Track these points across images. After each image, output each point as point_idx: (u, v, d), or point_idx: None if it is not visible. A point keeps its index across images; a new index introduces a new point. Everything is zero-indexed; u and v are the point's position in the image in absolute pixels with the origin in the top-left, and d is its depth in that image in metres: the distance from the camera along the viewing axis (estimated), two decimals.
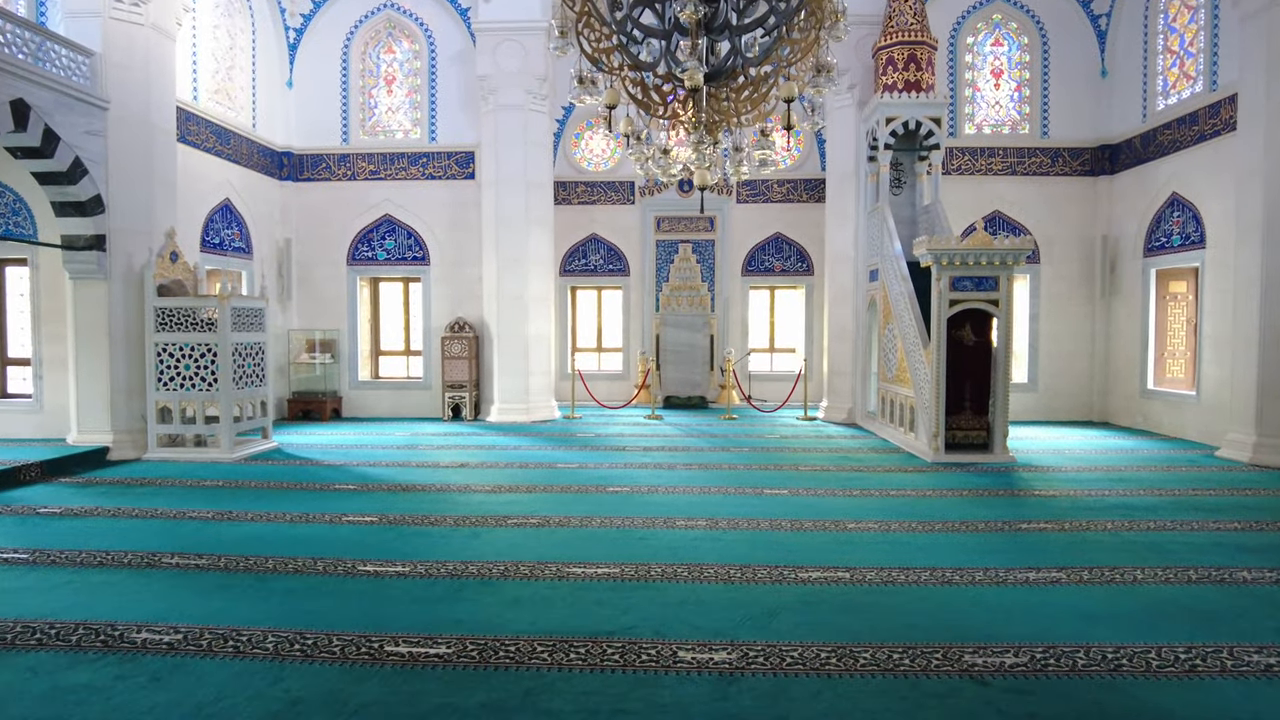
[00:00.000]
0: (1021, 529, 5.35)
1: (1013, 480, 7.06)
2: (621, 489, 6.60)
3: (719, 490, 6.56)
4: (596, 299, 14.17)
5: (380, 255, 11.95)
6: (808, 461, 7.95)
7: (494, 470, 7.47)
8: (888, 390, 9.66)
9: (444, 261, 11.82)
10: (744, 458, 8.17)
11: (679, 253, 13.55)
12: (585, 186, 13.61)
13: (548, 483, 6.86)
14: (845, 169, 11.13)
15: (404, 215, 11.87)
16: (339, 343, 11.97)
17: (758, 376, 13.60)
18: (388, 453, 8.52)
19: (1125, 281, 10.93)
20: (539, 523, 5.47)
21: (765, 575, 4.32)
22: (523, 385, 11.16)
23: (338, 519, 5.60)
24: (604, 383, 13.71)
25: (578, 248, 13.73)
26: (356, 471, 7.45)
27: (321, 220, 11.93)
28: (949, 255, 7.83)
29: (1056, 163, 11.45)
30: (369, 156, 11.87)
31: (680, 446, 8.89)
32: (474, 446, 8.91)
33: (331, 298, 12.00)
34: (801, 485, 6.76)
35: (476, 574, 4.35)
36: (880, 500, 6.23)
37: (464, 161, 11.77)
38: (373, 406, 11.98)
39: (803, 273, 13.54)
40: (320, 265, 11.97)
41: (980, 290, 7.96)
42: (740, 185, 13.48)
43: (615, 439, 9.50)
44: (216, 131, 10.11)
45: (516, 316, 11.13)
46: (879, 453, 8.55)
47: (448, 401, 11.37)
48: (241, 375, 8.33)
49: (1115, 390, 11.15)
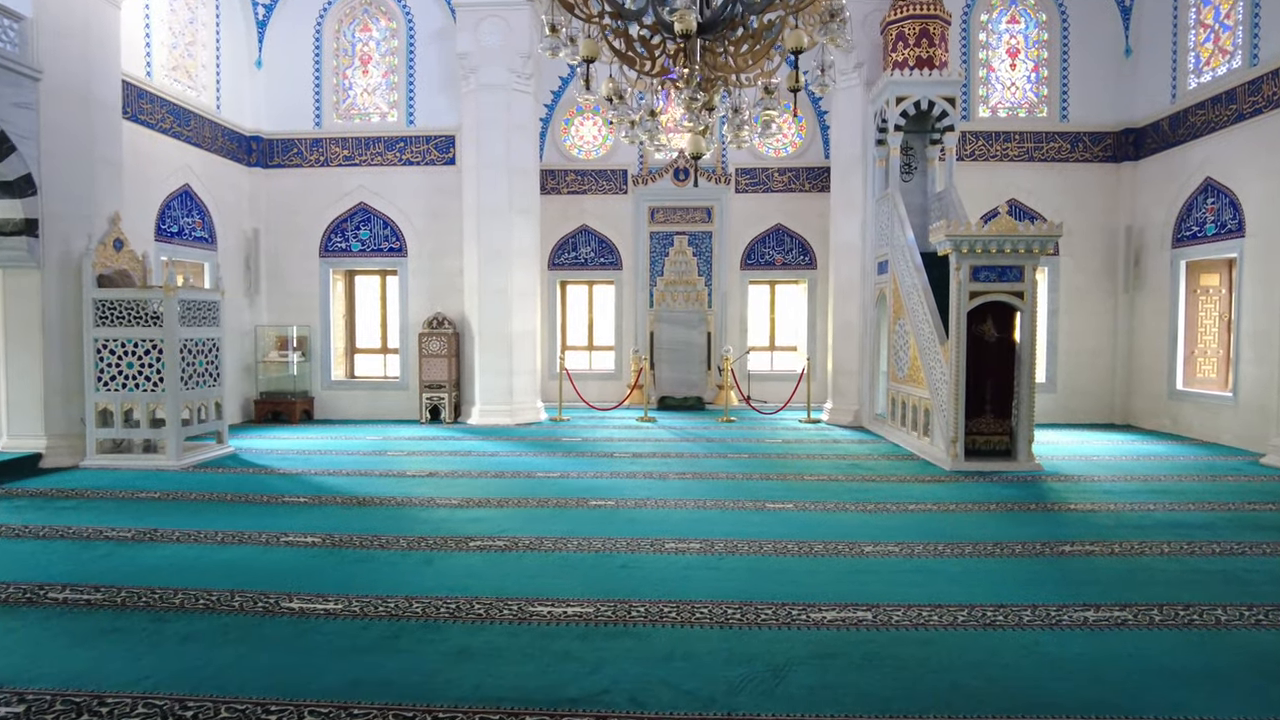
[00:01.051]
0: (1065, 552, 4.62)
1: (1043, 492, 6.33)
2: (605, 503, 5.85)
3: (715, 504, 5.81)
4: (587, 294, 13.43)
5: (354, 246, 11.20)
6: (814, 470, 7.22)
7: (465, 481, 6.72)
8: (899, 391, 8.92)
9: (422, 253, 11.07)
10: (743, 465, 7.44)
11: (674, 245, 12.82)
12: (575, 175, 12.87)
13: (523, 495, 6.12)
14: (851, 153, 10.39)
15: (380, 203, 11.11)
16: (310, 340, 11.22)
17: (757, 376, 12.86)
18: (352, 460, 7.78)
19: (1151, 274, 10.20)
20: (506, 545, 4.72)
21: (770, 616, 3.58)
22: (506, 385, 10.41)
23: (276, 540, 4.85)
24: (595, 383, 12.98)
25: (567, 240, 12.99)
26: (312, 481, 6.70)
27: (292, 209, 11.17)
28: (970, 242, 7.09)
29: (1076, 148, 10.73)
30: (343, 141, 11.12)
31: (673, 453, 8.15)
32: (448, 453, 8.16)
33: (303, 292, 11.24)
34: (808, 498, 6.02)
35: (420, 614, 3.60)
36: (898, 517, 5.49)
37: (444, 146, 11.02)
38: (346, 408, 11.23)
39: (805, 266, 12.81)
40: (291, 257, 11.21)
41: (1003, 281, 7.23)
42: (739, 174, 12.74)
43: (603, 444, 8.75)
44: (174, 112, 9.35)
45: (499, 312, 10.39)
46: (891, 459, 7.81)
47: (425, 403, 10.61)
48: (192, 374, 7.58)
49: (1140, 391, 10.41)
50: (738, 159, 12.80)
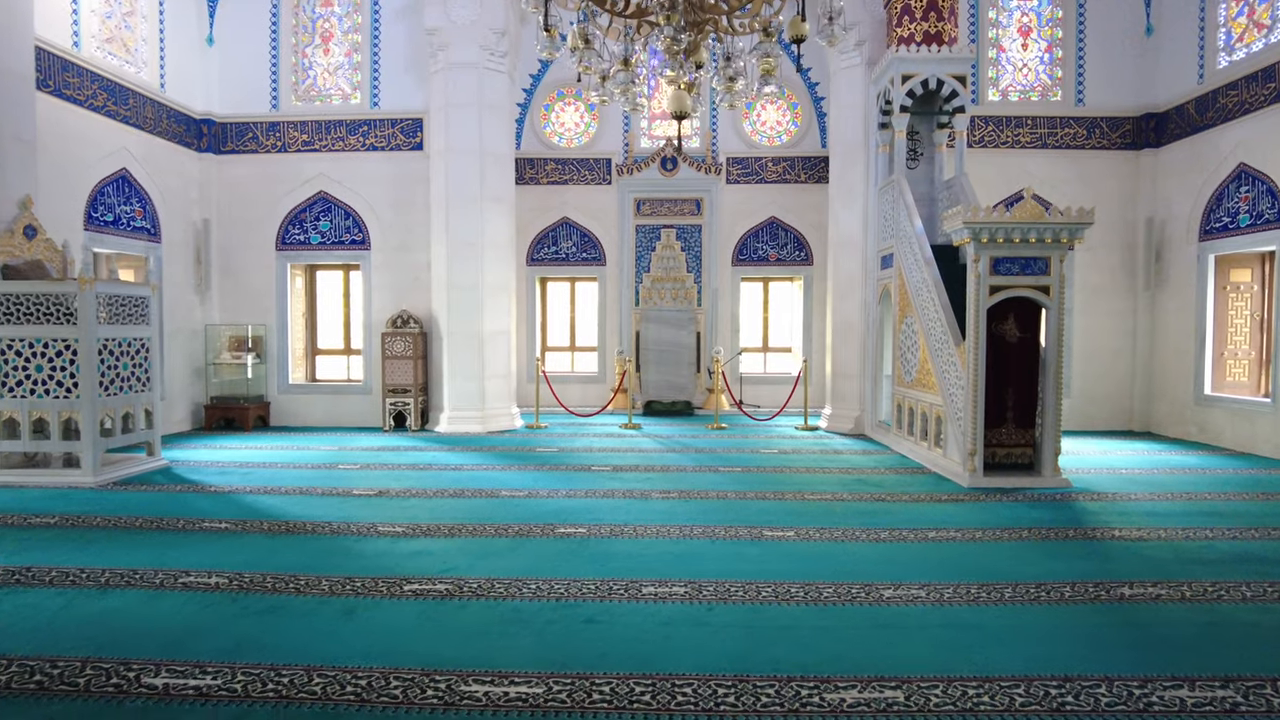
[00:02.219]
0: (1125, 596, 3.82)
1: (1077, 514, 5.54)
2: (576, 530, 5.02)
3: (704, 532, 4.99)
4: (569, 292, 12.59)
5: (314, 239, 10.32)
6: (815, 486, 6.41)
7: (417, 502, 5.87)
8: (905, 396, 8.13)
9: (386, 245, 10.21)
10: (736, 481, 6.62)
11: (661, 239, 12.00)
12: (555, 164, 12.04)
13: (481, 520, 5.28)
14: (852, 138, 9.60)
15: (341, 192, 10.24)
16: (267, 340, 10.34)
17: (750, 379, 12.05)
18: (297, 475, 6.91)
19: (1175, 270, 9.45)
20: (448, 590, 3.89)
21: (773, 698, 2.76)
22: (477, 390, 9.56)
23: (172, 581, 4.00)
24: (577, 386, 12.15)
25: (547, 233, 12.15)
26: (244, 502, 5.84)
27: (247, 198, 10.29)
28: (991, 230, 6.30)
29: (1093, 134, 9.97)
30: (302, 125, 10.25)
31: (658, 465, 7.33)
32: (406, 466, 7.31)
33: (259, 288, 10.36)
34: (811, 522, 5.21)
35: (319, 695, 2.76)
36: (917, 548, 4.69)
37: (410, 130, 10.16)
38: (305, 414, 10.35)
39: (801, 262, 12.01)
40: (245, 250, 10.32)
41: (1028, 274, 6.44)
42: (730, 163, 11.94)
43: (581, 455, 7.92)
44: (109, 88, 8.45)
45: (470, 309, 9.54)
46: (899, 473, 7.02)
47: (389, 409, 9.75)
48: (115, 378, 6.70)
49: (1162, 396, 9.66)
50: (728, 146, 12.00)
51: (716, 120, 12.05)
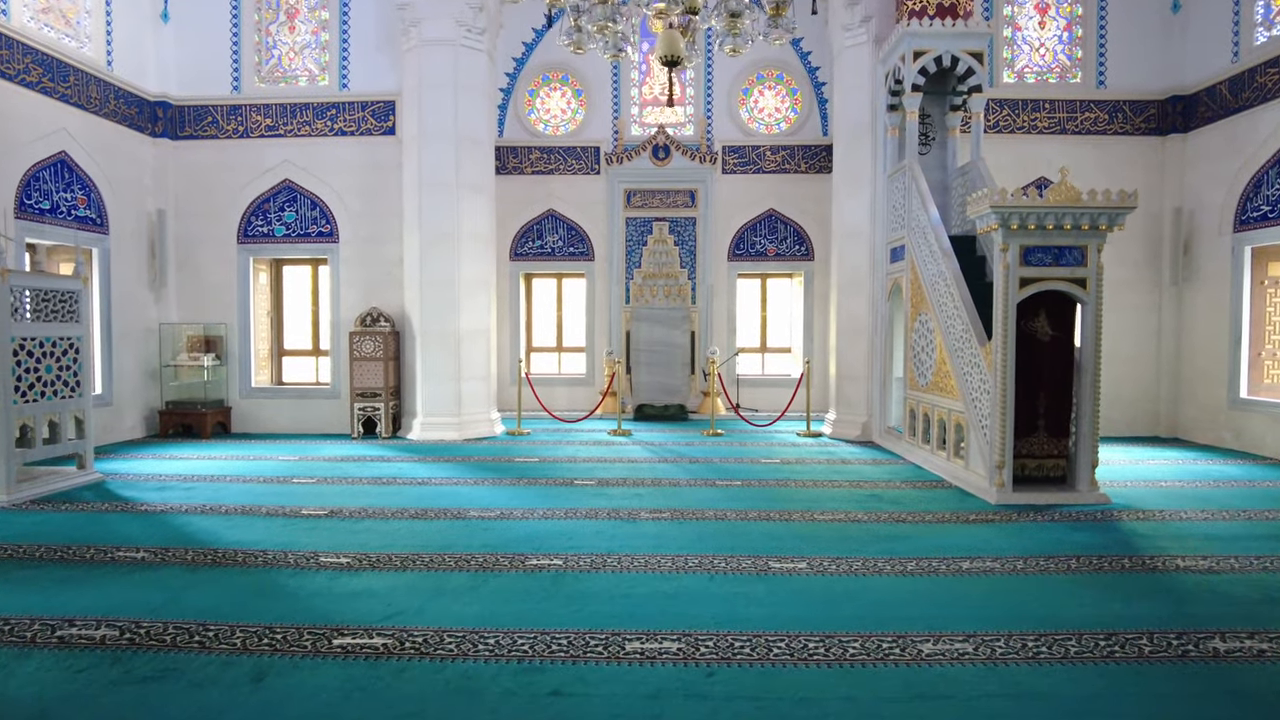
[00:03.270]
0: (1221, 654, 3.11)
1: (1127, 537, 4.84)
2: (550, 562, 4.30)
3: (701, 564, 4.27)
4: (555, 289, 11.87)
5: (278, 230, 9.56)
6: (825, 504, 5.69)
7: (372, 524, 5.14)
8: (920, 401, 7.44)
9: (356, 238, 9.45)
10: (736, 497, 5.91)
11: (653, 233, 11.29)
12: (540, 153, 11.32)
13: (442, 547, 4.55)
14: (858, 122, 8.90)
15: (307, 180, 9.49)
16: (227, 340, 9.57)
17: (747, 381, 11.35)
18: (245, 490, 6.17)
19: (1205, 263, 8.78)
20: (386, 646, 3.15)
21: None
22: (453, 394, 8.82)
23: (46, 635, 3.25)
24: (564, 389, 11.43)
25: (531, 226, 11.43)
26: (175, 524, 5.10)
27: (206, 187, 9.52)
28: (1022, 215, 5.61)
29: (1115, 119, 9.30)
30: (265, 108, 9.49)
31: (648, 478, 6.61)
32: (368, 480, 6.57)
33: (219, 284, 9.59)
34: (825, 550, 4.49)
35: None
36: (953, 583, 3.98)
37: (382, 113, 9.42)
38: (269, 419, 9.59)
39: (801, 257, 11.32)
40: (205, 243, 9.56)
41: (1062, 265, 5.75)
42: (726, 152, 11.24)
43: (564, 466, 7.20)
44: (44, 62, 7.69)
45: (445, 306, 8.80)
46: (917, 487, 6.32)
47: (357, 414, 8.99)
48: (35, 383, 5.95)
49: (1191, 399, 8.99)
50: (724, 134, 11.30)
51: (712, 106, 11.34)
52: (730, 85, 11.36)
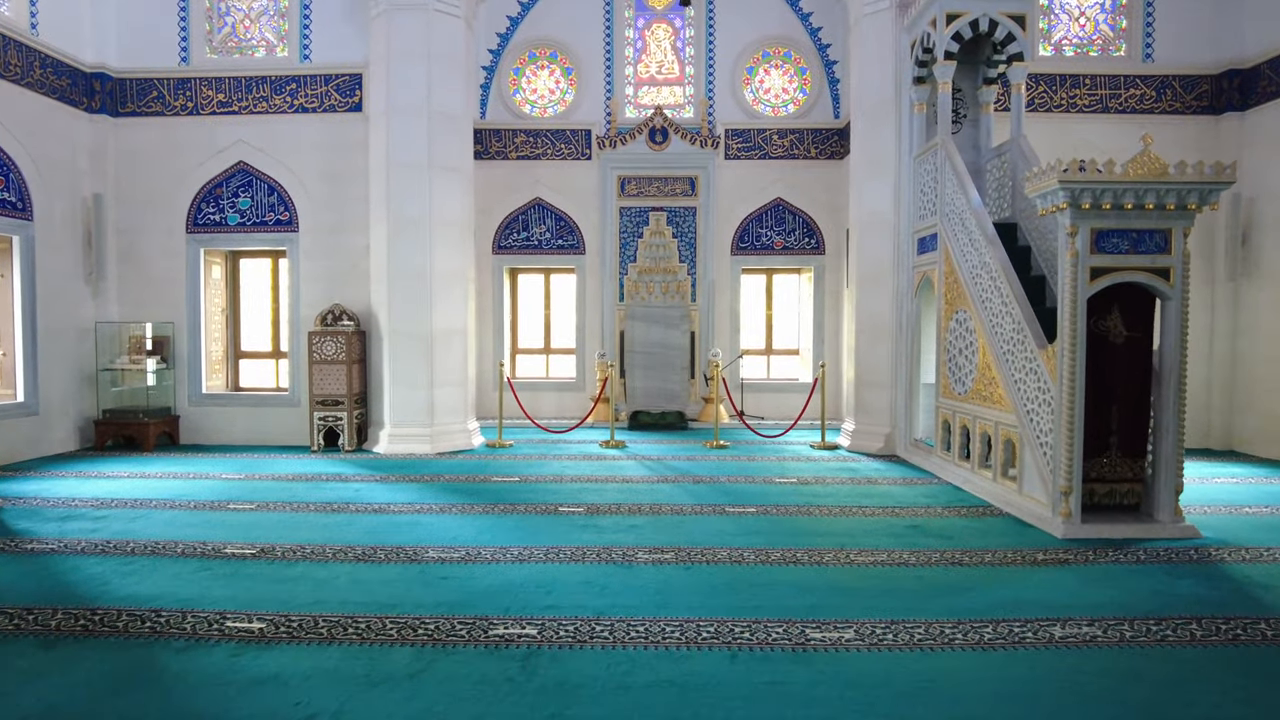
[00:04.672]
0: None
1: (1244, 588, 3.90)
2: (520, 634, 3.32)
3: (716, 635, 3.30)
4: (543, 285, 10.90)
5: (232, 219, 8.55)
6: (860, 538, 4.74)
7: (306, 570, 4.15)
8: (956, 411, 6.49)
9: (318, 226, 8.45)
10: (751, 530, 4.95)
11: (650, 224, 10.34)
12: (526, 136, 10.35)
13: (386, 607, 3.57)
14: (880, 98, 7.95)
15: (264, 162, 8.48)
16: (175, 341, 8.56)
17: (752, 386, 10.41)
18: (169, 519, 5.17)
19: (1266, 256, 7.88)
20: None
21: None
22: (424, 401, 7.84)
23: None
24: (552, 394, 10.48)
25: (516, 216, 10.47)
26: (58, 570, 4.10)
27: (151, 170, 8.50)
28: (1096, 191, 4.67)
29: (1164, 96, 8.39)
30: (217, 82, 8.48)
31: (646, 504, 5.64)
32: (316, 506, 5.58)
33: (165, 278, 8.57)
34: (873, 609, 3.53)
35: None
36: (1048, 663, 3.03)
37: (347, 88, 8.42)
38: (223, 430, 8.57)
39: (811, 250, 10.39)
40: (149, 232, 8.54)
41: (1141, 252, 4.81)
42: (729, 135, 10.30)
43: (548, 487, 6.22)
44: None
45: (415, 302, 7.82)
46: (962, 514, 5.37)
47: (317, 425, 8.00)
48: None
49: (1250, 408, 8.08)
50: (727, 116, 10.35)
51: (713, 86, 10.40)
52: (733, 63, 10.42)
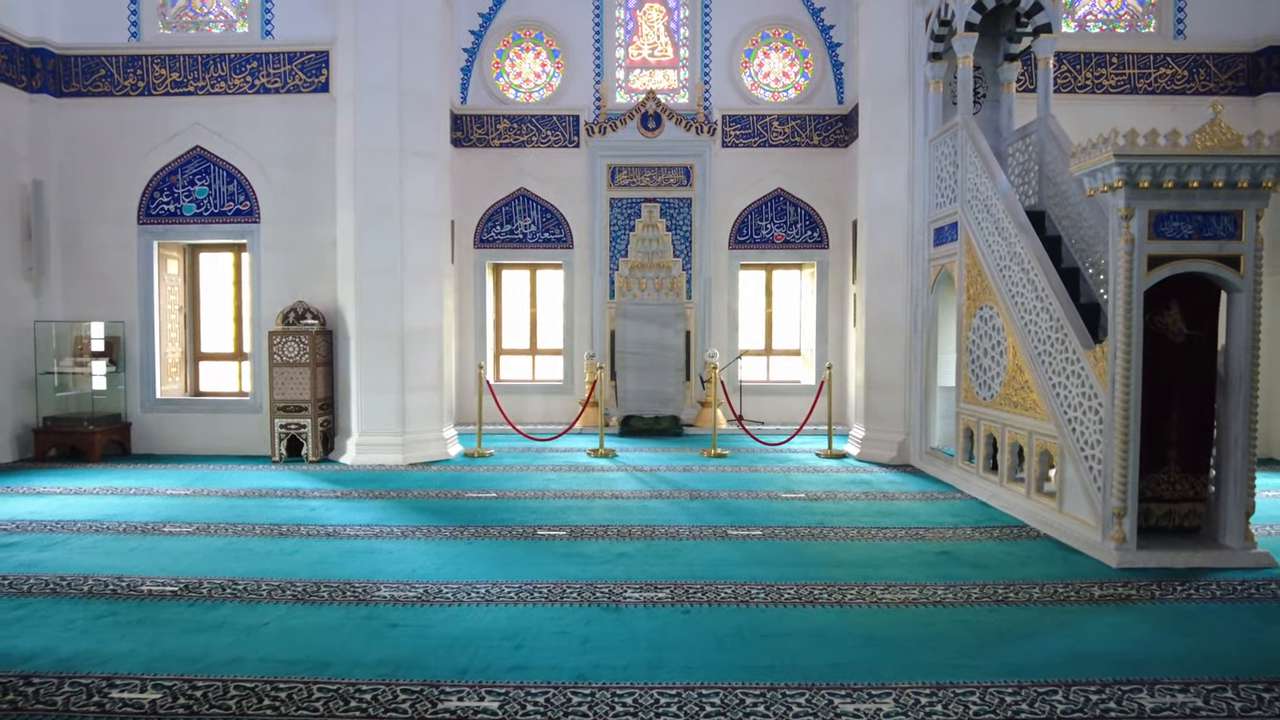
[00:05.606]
0: None
1: None
2: (476, 711, 2.66)
3: (722, 708, 2.65)
4: (529, 281, 10.24)
5: (188, 209, 7.86)
6: (884, 570, 4.09)
7: (227, 614, 3.48)
8: (981, 418, 5.85)
9: (281, 217, 7.77)
10: (758, 559, 4.29)
11: (642, 216, 9.69)
12: (510, 123, 9.69)
13: (308, 670, 2.90)
14: (891, 77, 7.31)
15: (223, 147, 7.79)
16: (126, 341, 7.87)
17: (751, 389, 9.77)
18: (89, 546, 4.49)
19: None
20: None
21: None
22: (395, 407, 7.17)
23: None
24: (538, 398, 9.83)
25: (500, 208, 9.81)
26: None
27: (99, 155, 7.81)
28: (1157, 167, 4.04)
29: (1196, 75, 7.79)
30: (171, 60, 7.79)
31: (637, 526, 4.98)
32: (263, 529, 4.90)
33: (115, 273, 7.87)
34: (912, 668, 2.89)
35: None
36: None
37: (312, 66, 7.75)
38: (180, 437, 7.88)
39: (813, 244, 9.76)
40: (97, 224, 7.84)
41: (1206, 238, 4.18)
42: (726, 122, 9.67)
43: (528, 505, 5.56)
44: None
45: (386, 299, 7.15)
46: (995, 537, 4.73)
47: (279, 433, 7.32)
48: None
49: None
50: (724, 102, 9.72)
51: (710, 69, 9.75)
52: (731, 45, 9.78)
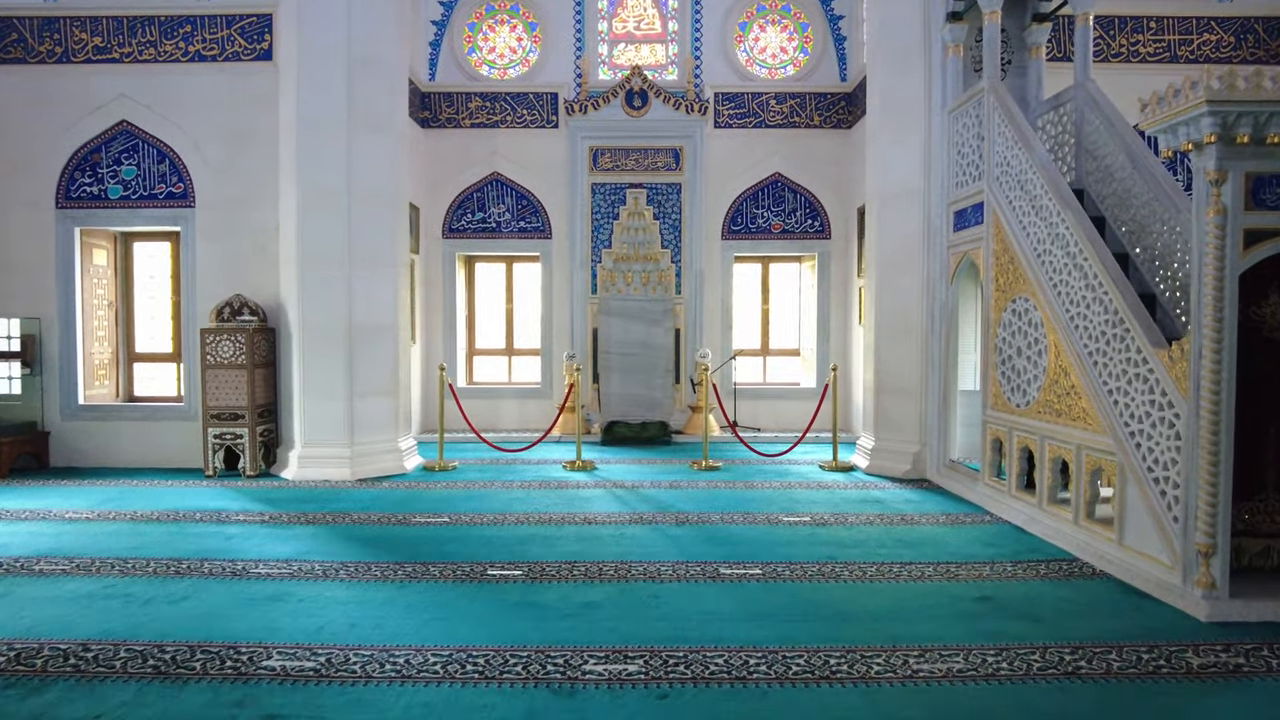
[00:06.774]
0: None
1: None
2: None
3: None
4: (504, 275, 9.39)
5: (114, 191, 6.98)
6: (914, 624, 3.26)
7: (50, 702, 2.62)
8: (1014, 428, 5.03)
9: (218, 200, 6.89)
10: (758, 609, 3.46)
11: (627, 203, 8.86)
12: (483, 101, 8.85)
13: None
14: (905, 41, 6.49)
15: (152, 122, 6.91)
16: (43, 341, 6.99)
17: (746, 392, 8.95)
18: None
19: None
20: None
21: None
22: (343, 415, 6.30)
23: None
24: (514, 402, 8.99)
25: (471, 194, 8.96)
26: None
27: (10, 130, 6.93)
28: (1261, 117, 3.24)
29: (1244, 42, 7.02)
30: (94, 23, 6.91)
31: (610, 564, 4.13)
32: (155, 566, 4.03)
33: (29, 263, 6.98)
34: None
35: None
36: None
37: (254, 31, 6.88)
38: (106, 449, 6.99)
39: (814, 235, 8.95)
40: (9, 207, 6.95)
41: None
42: (719, 100, 8.85)
43: (484, 533, 4.71)
44: None
45: (332, 292, 6.29)
46: (1042, 576, 3.90)
47: (213, 444, 6.44)
48: None
49: None
50: (717, 78, 8.90)
51: (701, 43, 8.93)
52: (724, 18, 8.97)
